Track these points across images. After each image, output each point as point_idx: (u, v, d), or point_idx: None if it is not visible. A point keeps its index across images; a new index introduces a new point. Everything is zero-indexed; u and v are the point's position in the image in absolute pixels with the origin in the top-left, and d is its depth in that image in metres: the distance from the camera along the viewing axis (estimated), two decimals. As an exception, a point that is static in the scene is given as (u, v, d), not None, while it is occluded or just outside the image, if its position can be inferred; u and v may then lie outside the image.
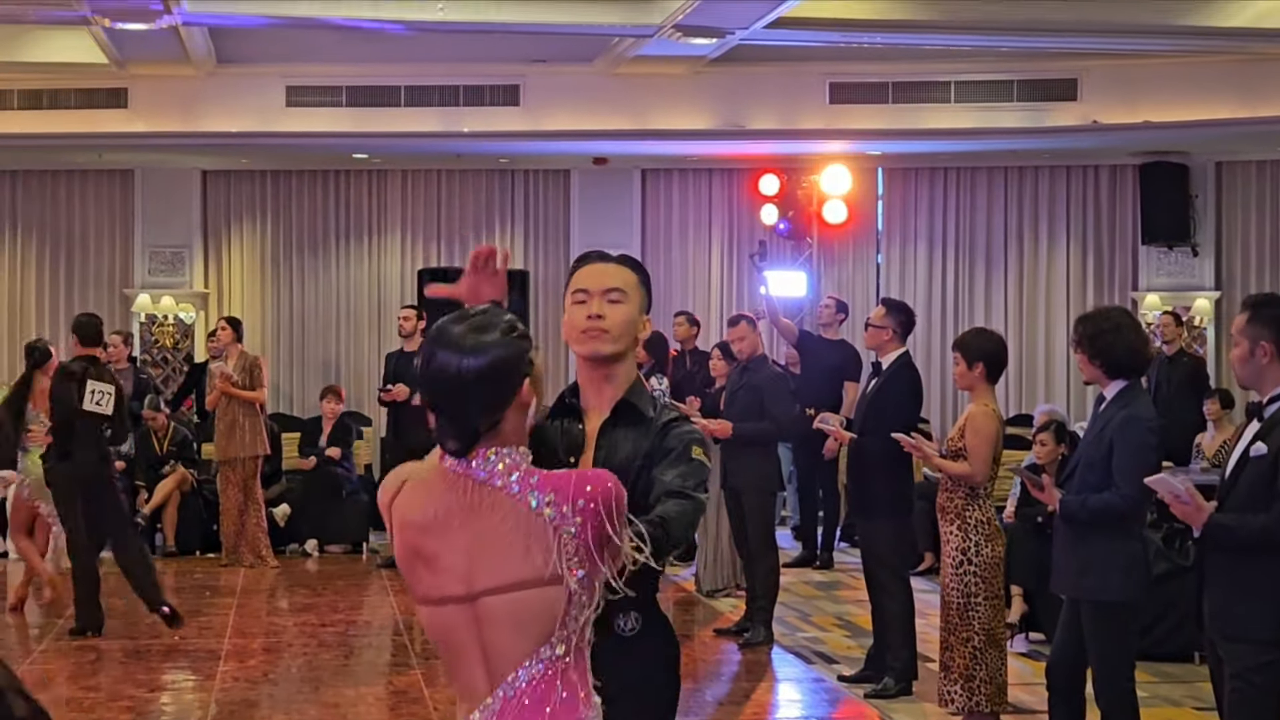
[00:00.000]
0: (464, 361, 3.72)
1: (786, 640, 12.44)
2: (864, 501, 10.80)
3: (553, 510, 3.64)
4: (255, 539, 16.30)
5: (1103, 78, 18.33)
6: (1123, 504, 7.52)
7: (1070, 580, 7.75)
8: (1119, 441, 7.53)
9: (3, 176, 21.48)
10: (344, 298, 21.75)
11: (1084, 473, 7.69)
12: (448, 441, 3.76)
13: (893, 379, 10.55)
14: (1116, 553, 7.57)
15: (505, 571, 3.64)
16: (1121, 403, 7.61)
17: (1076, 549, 7.65)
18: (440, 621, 3.76)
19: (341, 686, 10.74)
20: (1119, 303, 20.87)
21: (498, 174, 21.68)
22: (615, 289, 4.70)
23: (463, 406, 3.73)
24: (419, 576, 3.77)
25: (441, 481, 3.78)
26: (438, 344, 3.76)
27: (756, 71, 18.53)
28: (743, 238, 21.43)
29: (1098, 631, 7.61)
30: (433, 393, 3.77)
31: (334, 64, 18.49)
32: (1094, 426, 7.78)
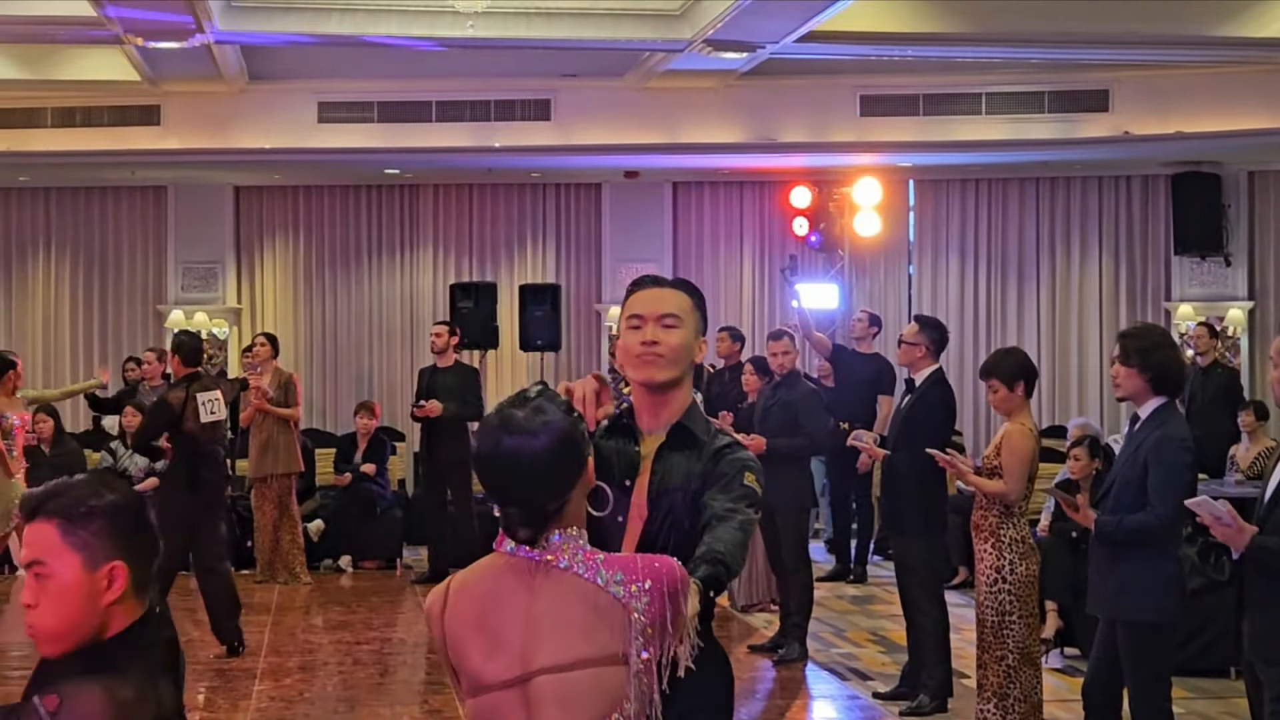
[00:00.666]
0: (534, 443, 3.69)
1: (821, 656, 12.43)
2: (898, 519, 10.78)
3: (621, 589, 3.63)
4: (290, 556, 16.31)
5: (1134, 88, 18.29)
6: (1158, 524, 7.50)
7: (1106, 601, 7.73)
8: (1154, 462, 7.51)
9: (37, 194, 21.58)
10: (376, 312, 21.81)
11: (1119, 493, 7.67)
12: (518, 530, 3.72)
13: (926, 395, 10.54)
14: (1153, 573, 7.55)
15: (565, 649, 3.61)
16: (1156, 422, 7.59)
17: (1112, 570, 7.63)
18: (488, 711, 3.71)
19: (377, 706, 10.75)
20: (1152, 313, 20.86)
21: (529, 188, 21.71)
22: (670, 314, 4.67)
23: (533, 490, 3.70)
24: (473, 663, 3.71)
25: (501, 565, 3.76)
26: (504, 430, 3.73)
27: (787, 85, 18.53)
28: (774, 251, 21.44)
29: (1134, 652, 7.59)
30: (502, 478, 3.73)
31: (365, 80, 18.54)
32: (1129, 446, 7.75)
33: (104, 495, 3.43)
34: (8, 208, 21.68)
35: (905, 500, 10.50)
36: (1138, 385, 7.62)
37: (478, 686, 3.71)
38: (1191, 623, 11.45)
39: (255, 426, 16.38)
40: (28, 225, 21.71)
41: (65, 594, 3.39)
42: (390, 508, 17.64)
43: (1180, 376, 7.68)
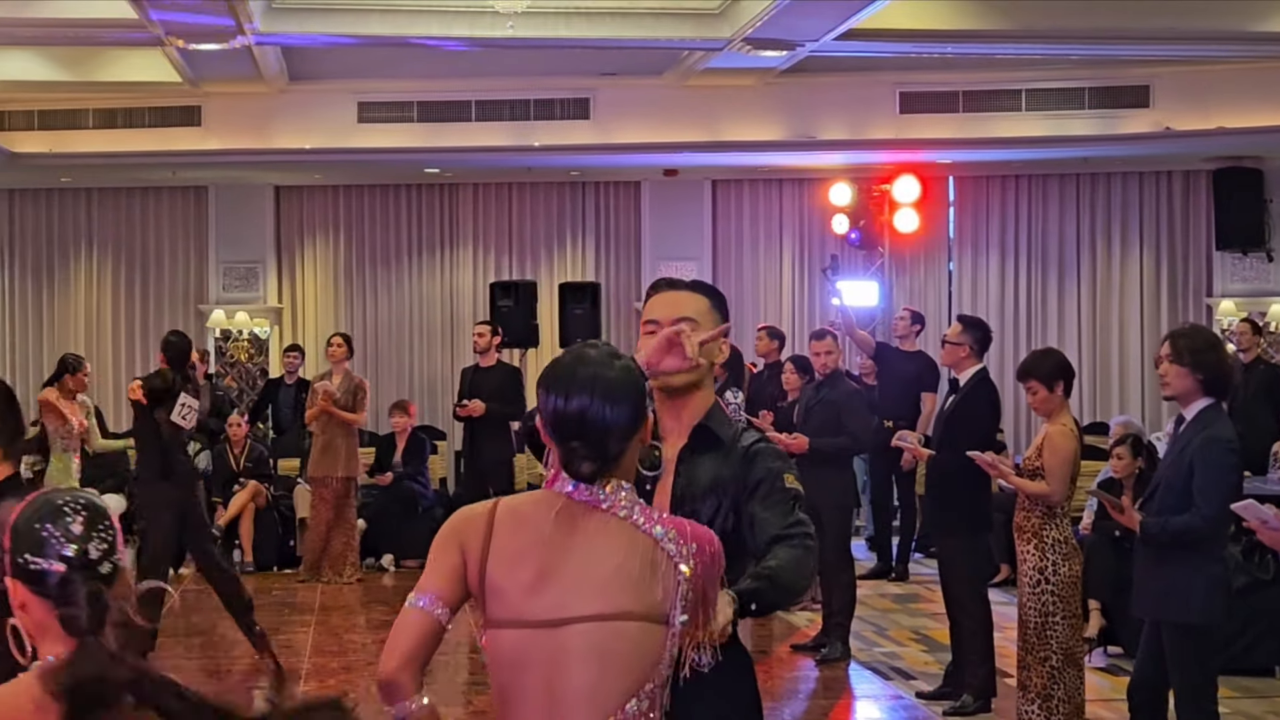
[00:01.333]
0: (609, 375, 3.73)
1: (863, 655, 12.42)
2: (942, 518, 10.77)
3: (674, 546, 3.61)
4: (342, 558, 16.27)
5: (1175, 84, 18.22)
6: (1204, 525, 7.49)
7: (1151, 602, 7.72)
8: (1200, 463, 7.50)
9: (78, 194, 21.69)
10: (416, 311, 21.86)
11: (1164, 494, 7.66)
12: (582, 465, 3.69)
13: (970, 395, 10.52)
14: (1198, 575, 7.53)
15: (612, 598, 3.58)
16: (1203, 423, 7.58)
17: (1157, 571, 7.62)
18: (517, 650, 3.68)
19: (421, 706, 10.76)
20: (1194, 310, 20.79)
21: (568, 186, 21.74)
22: (686, 318, 4.64)
23: (604, 425, 3.69)
24: (512, 596, 3.68)
25: (555, 502, 3.72)
26: (579, 362, 3.76)
27: (826, 82, 18.51)
28: (813, 248, 21.43)
29: (1180, 654, 7.58)
30: (574, 410, 3.71)
31: (405, 80, 18.58)
32: (1174, 448, 7.74)
33: None
34: (50, 209, 21.79)
35: (950, 499, 10.48)
36: (1188, 385, 7.59)
37: (513, 620, 3.68)
38: (1236, 622, 11.45)
39: (319, 427, 16.31)
40: (70, 226, 21.82)
41: None
42: (431, 507, 17.66)
43: (1229, 380, 7.68)
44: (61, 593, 3.42)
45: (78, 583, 3.43)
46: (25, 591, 3.45)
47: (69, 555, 3.44)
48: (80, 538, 3.45)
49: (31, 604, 3.46)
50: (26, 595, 3.45)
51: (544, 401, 3.74)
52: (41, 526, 3.43)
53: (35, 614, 3.45)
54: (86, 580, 3.44)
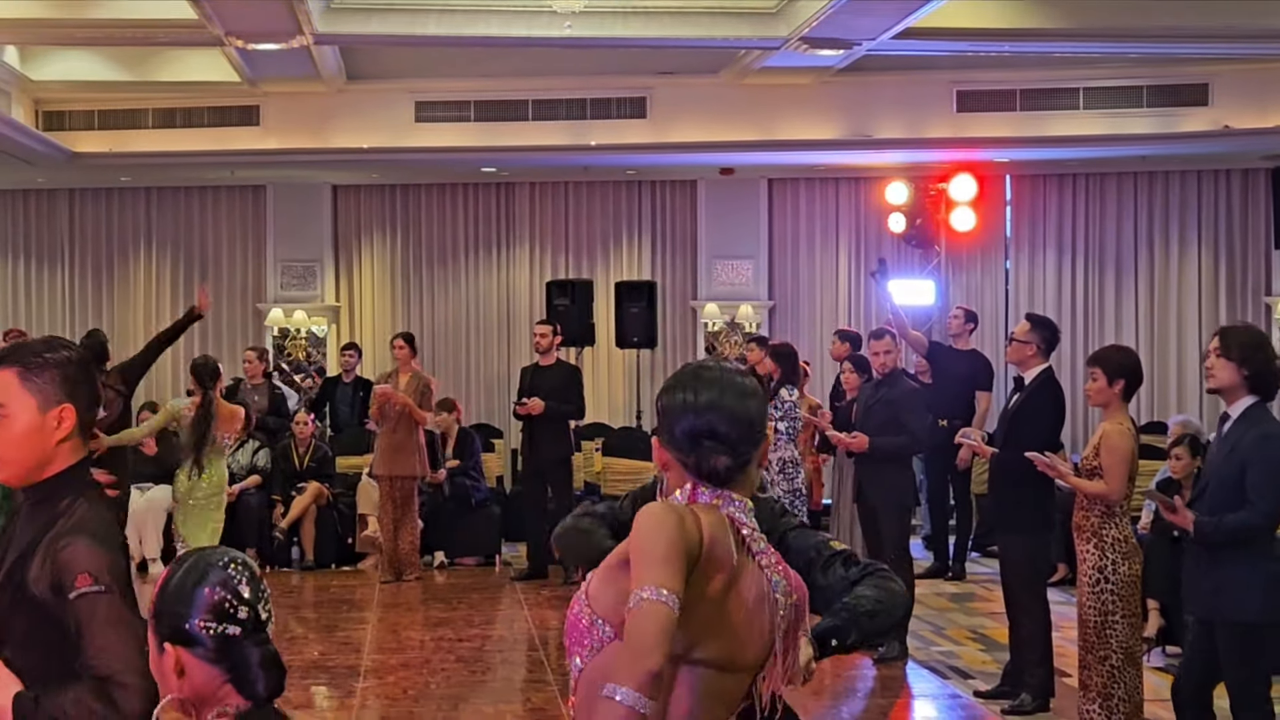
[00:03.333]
0: (738, 384, 3.70)
1: (921, 655, 12.41)
2: (1004, 517, 10.74)
3: (784, 598, 3.63)
4: (408, 555, 16.26)
5: (1233, 82, 18.17)
6: (1261, 522, 7.50)
7: (1205, 601, 7.71)
8: (1255, 460, 7.50)
9: (138, 194, 21.83)
10: (473, 310, 21.93)
11: (1216, 492, 7.66)
12: (717, 459, 3.64)
13: (1035, 395, 10.49)
14: (1254, 572, 7.54)
15: (737, 647, 3.56)
16: (1252, 420, 7.59)
17: (1212, 570, 7.62)
18: None
19: (480, 704, 10.82)
20: (1252, 308, 20.71)
21: (625, 185, 21.78)
22: None
23: (736, 426, 3.66)
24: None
25: (728, 531, 3.63)
26: (729, 371, 3.75)
27: (883, 81, 18.51)
28: (869, 246, 21.41)
29: (1235, 653, 7.57)
30: (709, 415, 3.65)
31: (462, 79, 18.65)
32: (1223, 446, 7.73)
33: (57, 350, 4.05)
34: (110, 208, 21.94)
35: (1012, 498, 10.46)
36: (1234, 379, 7.61)
37: None
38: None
39: (388, 427, 16.20)
40: (129, 225, 21.97)
41: (22, 431, 4.05)
42: (486, 503, 17.69)
43: (1276, 379, 7.66)
44: (237, 659, 3.39)
45: (252, 645, 3.41)
46: (187, 655, 3.40)
47: (243, 619, 3.41)
48: (250, 600, 3.42)
49: (193, 669, 3.41)
50: (188, 658, 3.40)
51: (670, 402, 3.71)
52: (210, 590, 3.39)
53: (196, 679, 3.41)
54: (260, 643, 3.43)
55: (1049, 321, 10.96)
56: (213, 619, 3.37)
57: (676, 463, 3.71)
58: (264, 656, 3.41)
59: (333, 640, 13.16)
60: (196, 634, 3.37)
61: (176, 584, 3.42)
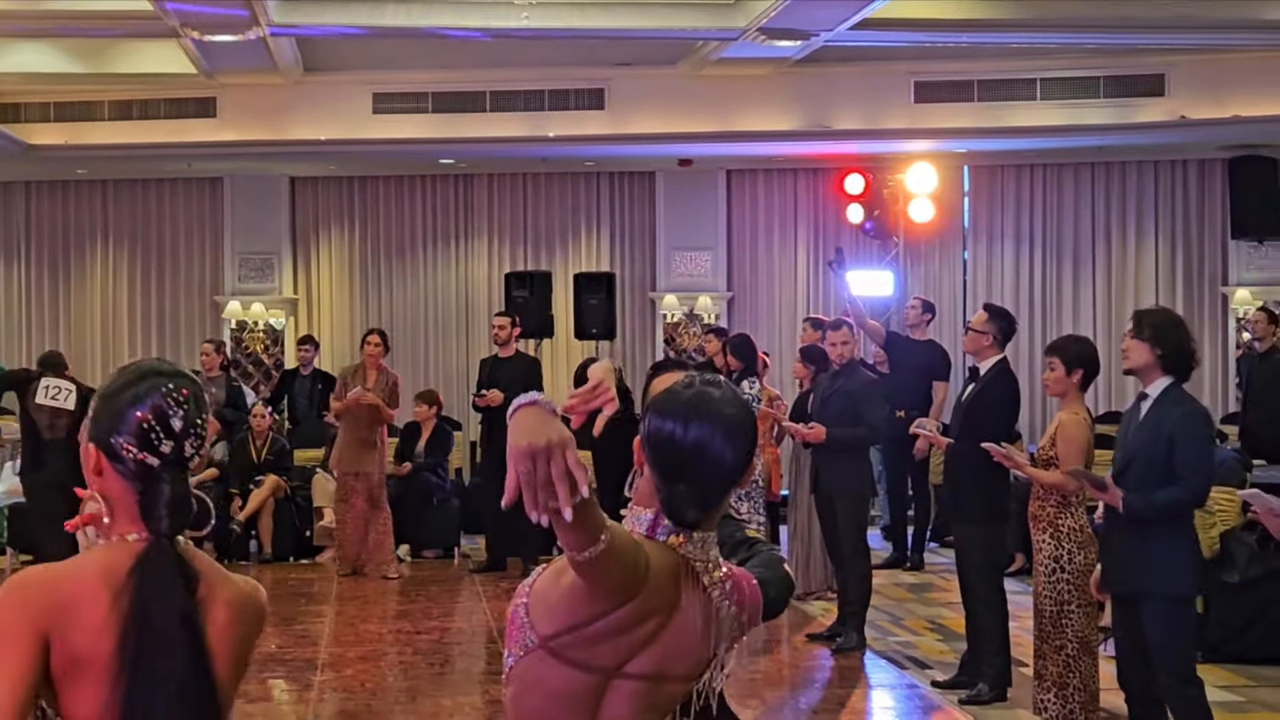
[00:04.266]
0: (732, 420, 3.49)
1: (879, 645, 12.43)
2: (960, 508, 10.76)
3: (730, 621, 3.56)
4: (382, 548, 16.18)
5: (1190, 72, 18.22)
6: (1192, 498, 7.70)
7: (1133, 578, 7.79)
8: (1182, 437, 7.63)
9: (94, 186, 21.75)
10: (431, 302, 21.90)
11: (1141, 471, 7.74)
12: (689, 512, 3.46)
13: (991, 385, 10.51)
14: (1181, 547, 7.73)
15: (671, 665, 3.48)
16: (1173, 399, 7.75)
17: (1141, 546, 7.72)
18: (567, 686, 3.45)
19: (439, 696, 10.80)
20: (1209, 298, 20.81)
21: (583, 177, 21.76)
22: None
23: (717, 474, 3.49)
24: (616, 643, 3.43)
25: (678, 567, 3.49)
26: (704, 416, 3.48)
27: (841, 72, 18.52)
28: (828, 237, 21.43)
29: (1167, 626, 7.68)
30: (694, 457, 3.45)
31: (419, 71, 18.61)
32: (1145, 425, 7.79)
33: None
34: (66, 200, 21.85)
35: (968, 489, 10.47)
36: (1147, 359, 7.74)
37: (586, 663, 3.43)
38: (1251, 610, 11.48)
39: (352, 422, 16.12)
40: (85, 217, 21.88)
41: None
42: (448, 497, 17.67)
43: (1190, 361, 7.78)
44: (149, 487, 3.32)
45: (165, 481, 3.33)
46: (107, 464, 3.34)
47: (165, 452, 3.33)
48: (178, 435, 3.34)
49: (110, 477, 3.35)
50: (107, 467, 3.34)
51: (656, 427, 3.50)
52: (142, 415, 3.31)
53: (112, 487, 3.34)
54: (173, 481, 3.34)
55: (1006, 312, 10.99)
56: (135, 443, 3.31)
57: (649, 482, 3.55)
58: (174, 495, 3.32)
59: (290, 633, 13.13)
60: (118, 450, 3.32)
61: (114, 394, 3.36)
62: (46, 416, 12.65)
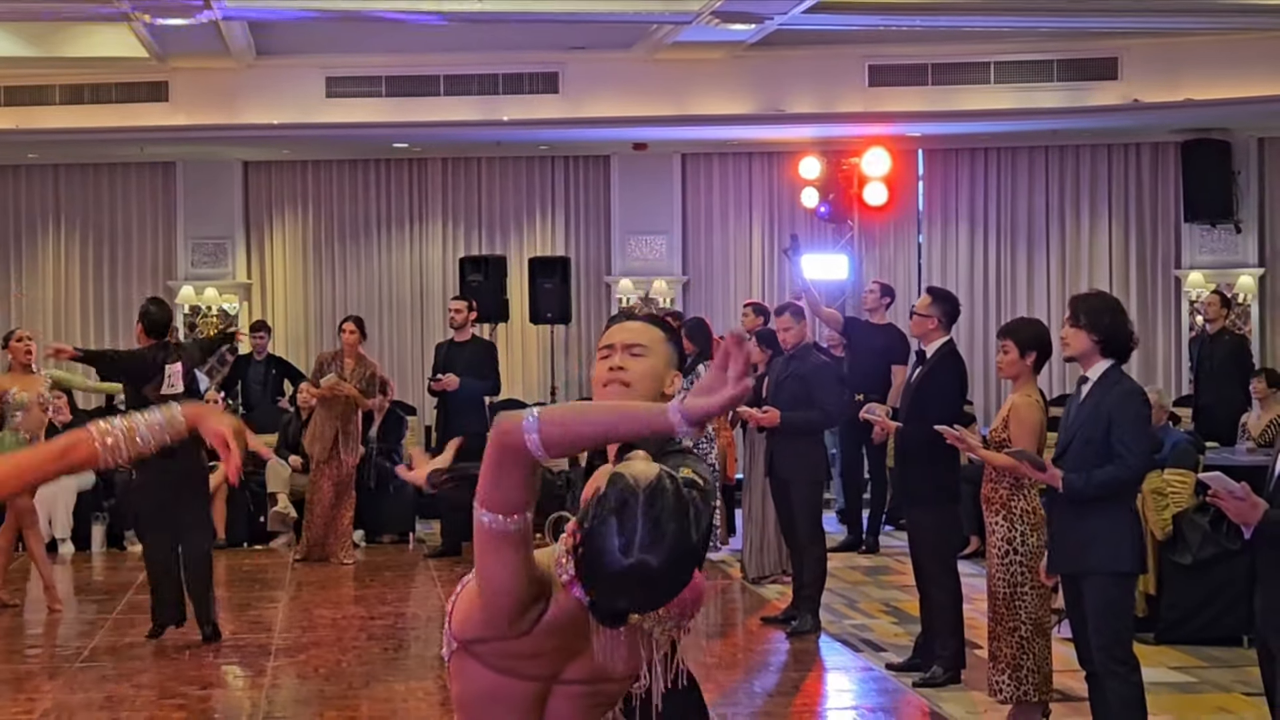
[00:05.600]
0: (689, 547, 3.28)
1: (833, 628, 12.44)
2: (910, 491, 10.77)
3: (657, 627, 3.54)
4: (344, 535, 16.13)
5: (1143, 56, 18.28)
6: (1130, 476, 7.78)
7: (1074, 557, 7.85)
8: (1120, 416, 7.70)
9: (45, 171, 21.63)
10: (386, 286, 21.86)
11: (1081, 450, 7.80)
12: (617, 620, 3.37)
13: (937, 368, 10.52)
14: (1120, 523, 7.79)
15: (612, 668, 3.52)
16: (1112, 380, 7.82)
17: (1079, 524, 7.79)
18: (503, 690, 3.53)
19: (392, 681, 10.78)
20: (1162, 281, 20.90)
21: (538, 161, 21.72)
22: (638, 344, 4.75)
23: (661, 600, 3.38)
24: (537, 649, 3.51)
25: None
26: (657, 510, 3.25)
27: (795, 55, 18.53)
28: (783, 221, 21.45)
29: (1106, 603, 7.75)
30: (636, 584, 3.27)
31: (373, 54, 18.56)
32: (1084, 407, 7.86)
33: None
34: (17, 185, 21.72)
35: (918, 472, 10.49)
36: (1086, 346, 7.83)
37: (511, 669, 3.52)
38: (1203, 591, 11.52)
39: (328, 409, 16.03)
40: (37, 202, 21.76)
41: None
42: (403, 485, 17.59)
43: (1127, 342, 7.86)
44: None
45: None
46: None
47: None
48: None
49: None
50: None
51: (596, 530, 3.29)
52: None
53: None
54: None
55: (950, 295, 11.00)
56: None
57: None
58: None
59: (244, 619, 13.11)
60: None
61: None
62: None
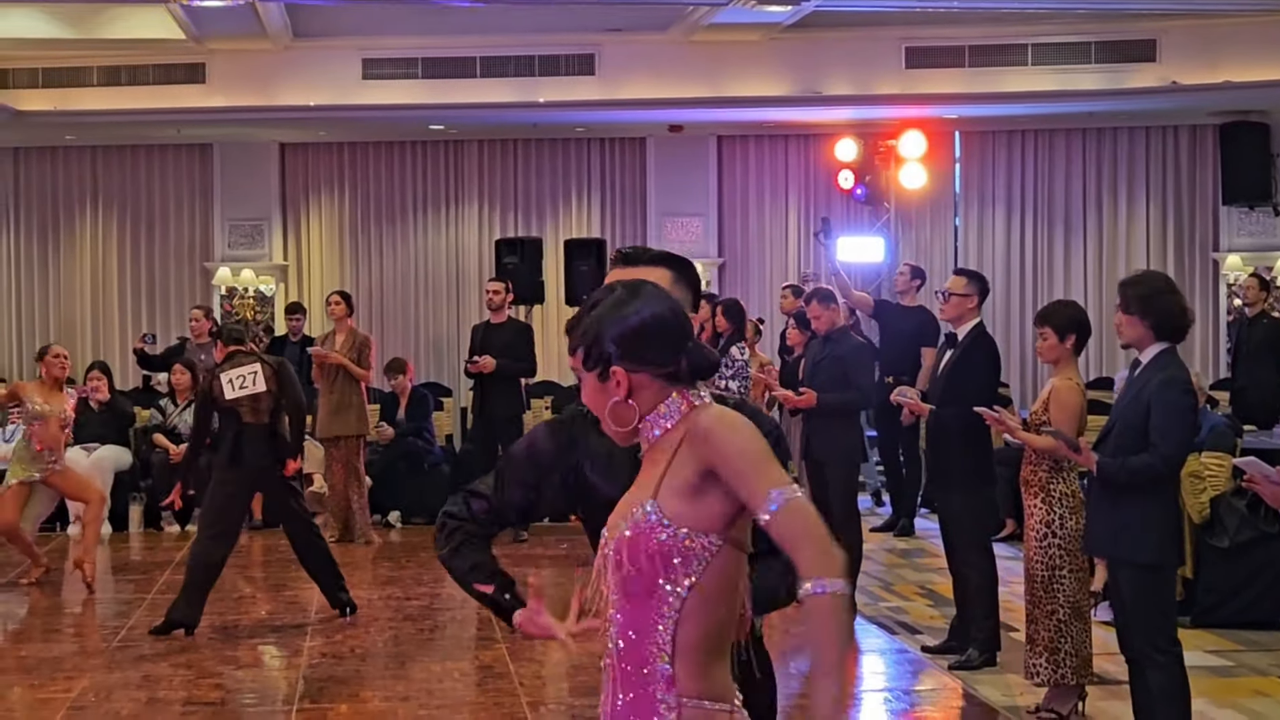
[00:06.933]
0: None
1: (869, 610, 12.43)
2: (944, 474, 10.73)
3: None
4: (358, 516, 16.15)
5: (1182, 38, 18.20)
6: (1162, 465, 7.55)
7: (1105, 541, 7.79)
8: (1158, 403, 7.55)
9: (83, 152, 21.70)
10: (422, 268, 21.89)
11: (1121, 435, 7.69)
12: (707, 356, 3.69)
13: (971, 349, 10.47)
14: (1152, 515, 7.61)
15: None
16: (1159, 365, 7.64)
17: (1112, 511, 7.68)
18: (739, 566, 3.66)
19: (428, 662, 10.80)
20: (1200, 264, 20.82)
21: (574, 143, 21.72)
22: None
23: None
24: None
25: None
26: (668, 297, 3.76)
27: (832, 37, 18.49)
28: (819, 203, 21.43)
29: (1136, 593, 7.64)
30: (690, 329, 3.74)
31: (409, 36, 18.57)
32: (1129, 390, 7.77)
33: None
34: (55, 166, 21.80)
35: (951, 455, 10.45)
36: (1139, 332, 7.67)
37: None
38: (1241, 575, 11.48)
39: (326, 387, 16.09)
40: (75, 183, 21.84)
41: None
42: (438, 464, 17.65)
43: (1181, 322, 7.70)
44: None
45: None
46: None
47: None
48: None
49: None
50: None
51: (622, 326, 3.64)
52: None
53: None
54: None
55: (979, 273, 10.98)
56: None
57: (651, 381, 3.61)
58: None
59: (280, 599, 13.15)
60: None
61: None
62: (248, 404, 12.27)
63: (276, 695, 10.21)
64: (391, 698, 9.81)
